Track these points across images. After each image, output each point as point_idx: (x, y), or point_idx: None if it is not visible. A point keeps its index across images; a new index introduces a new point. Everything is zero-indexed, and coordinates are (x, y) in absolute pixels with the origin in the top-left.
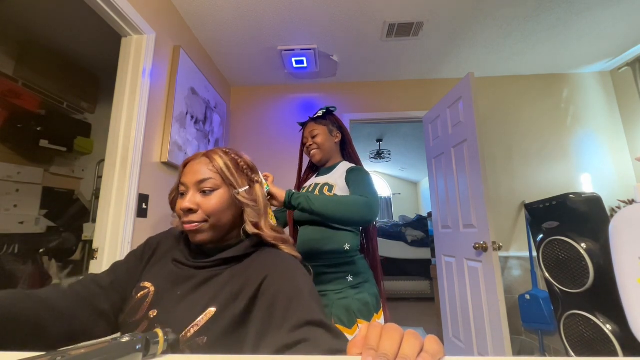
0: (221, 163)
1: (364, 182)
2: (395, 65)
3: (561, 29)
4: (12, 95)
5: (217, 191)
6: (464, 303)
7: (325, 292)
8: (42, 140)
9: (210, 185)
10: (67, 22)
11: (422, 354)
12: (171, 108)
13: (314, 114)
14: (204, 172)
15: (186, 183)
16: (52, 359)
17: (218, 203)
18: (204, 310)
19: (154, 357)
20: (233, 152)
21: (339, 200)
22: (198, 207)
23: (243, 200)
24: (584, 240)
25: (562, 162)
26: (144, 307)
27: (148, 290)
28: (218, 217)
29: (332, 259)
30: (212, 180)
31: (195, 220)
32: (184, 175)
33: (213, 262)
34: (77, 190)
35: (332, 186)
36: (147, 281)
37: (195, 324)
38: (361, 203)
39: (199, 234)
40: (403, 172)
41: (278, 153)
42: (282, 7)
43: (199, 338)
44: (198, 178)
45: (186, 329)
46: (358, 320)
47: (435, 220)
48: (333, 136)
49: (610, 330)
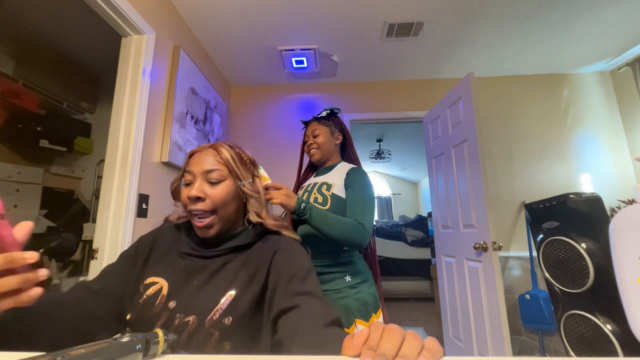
0: (228, 155)
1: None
2: (395, 65)
3: (561, 29)
4: (12, 95)
5: (223, 182)
6: (464, 303)
7: (324, 292)
8: (42, 140)
9: (217, 176)
10: (67, 22)
11: (423, 352)
12: (171, 108)
13: (318, 113)
14: (211, 162)
15: (194, 172)
16: (52, 359)
17: (225, 193)
18: (224, 294)
19: (154, 357)
20: (237, 147)
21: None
22: (205, 196)
23: (248, 191)
24: (584, 240)
25: (562, 162)
26: (161, 300)
27: (160, 285)
28: (224, 207)
29: (331, 258)
30: (219, 172)
31: (203, 209)
32: (191, 165)
33: (223, 250)
34: (77, 190)
35: (330, 185)
36: (154, 277)
37: (219, 307)
38: (359, 231)
39: (209, 230)
40: (403, 172)
41: (278, 153)
42: (282, 7)
43: (225, 319)
44: (206, 168)
45: (211, 313)
46: (356, 320)
47: (435, 220)
48: (334, 137)
49: (610, 330)
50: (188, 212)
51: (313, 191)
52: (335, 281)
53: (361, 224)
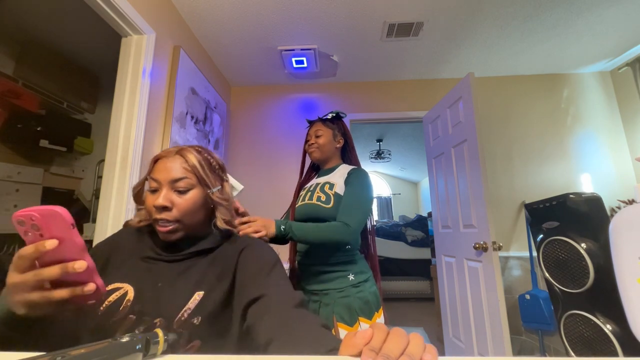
0: (196, 162)
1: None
2: (395, 65)
3: (561, 29)
4: (12, 95)
5: (191, 191)
6: (464, 303)
7: (327, 290)
8: (42, 140)
9: (184, 184)
10: (67, 22)
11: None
12: (171, 108)
13: (324, 115)
14: (178, 170)
15: (159, 180)
16: (52, 359)
17: (192, 203)
18: (191, 295)
19: (154, 357)
20: (205, 151)
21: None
22: (172, 205)
23: (217, 199)
24: (584, 240)
25: (562, 162)
26: (126, 305)
27: (124, 289)
28: (191, 216)
29: (334, 257)
30: (187, 180)
31: (169, 219)
32: (156, 172)
33: (188, 254)
34: (77, 190)
35: (333, 184)
36: (117, 283)
37: (187, 307)
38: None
39: (173, 234)
40: (403, 172)
41: (278, 153)
42: (282, 7)
43: (195, 318)
44: (173, 177)
45: (179, 313)
46: (360, 318)
47: (435, 220)
48: (336, 141)
49: (610, 330)
50: (153, 219)
51: (316, 190)
52: (338, 280)
53: (346, 224)
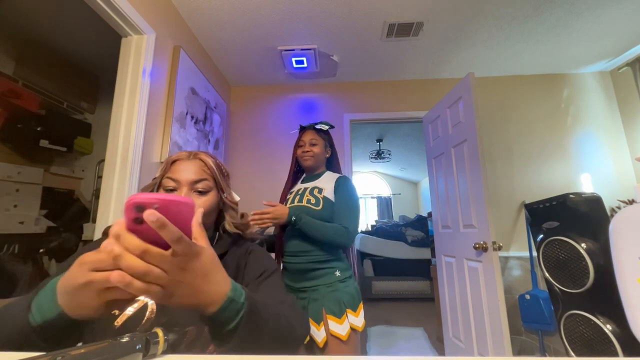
0: (214, 166)
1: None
2: (395, 65)
3: (561, 29)
4: (12, 95)
5: (209, 192)
6: (464, 303)
7: (316, 286)
8: (42, 140)
9: (203, 186)
10: (67, 22)
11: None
12: (171, 108)
13: (317, 123)
14: (199, 172)
15: (180, 180)
16: (52, 359)
17: (209, 204)
18: None
19: (154, 357)
20: (216, 158)
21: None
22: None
23: (228, 203)
24: (584, 240)
25: (562, 162)
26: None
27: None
28: (206, 218)
29: (323, 255)
30: (207, 182)
31: None
32: (175, 172)
33: None
34: (77, 190)
35: (321, 189)
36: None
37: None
38: (343, 234)
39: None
40: (403, 172)
41: (278, 153)
42: (282, 7)
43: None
44: (194, 178)
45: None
46: (347, 310)
47: (435, 220)
48: (326, 151)
49: (610, 330)
50: None
51: (305, 194)
52: (327, 276)
53: (346, 227)
